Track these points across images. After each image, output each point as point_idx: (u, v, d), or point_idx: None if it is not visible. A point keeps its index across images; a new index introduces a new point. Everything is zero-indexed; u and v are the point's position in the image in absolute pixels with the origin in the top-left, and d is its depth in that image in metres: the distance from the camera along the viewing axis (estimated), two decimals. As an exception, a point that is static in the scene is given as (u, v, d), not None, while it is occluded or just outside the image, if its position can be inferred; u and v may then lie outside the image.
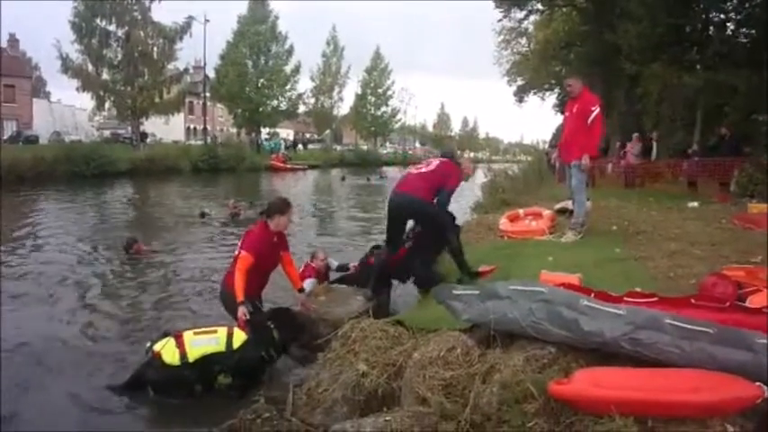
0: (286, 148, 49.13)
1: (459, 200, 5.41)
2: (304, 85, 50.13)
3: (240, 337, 4.09)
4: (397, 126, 68.58)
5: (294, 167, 37.77)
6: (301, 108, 50.71)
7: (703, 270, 4.44)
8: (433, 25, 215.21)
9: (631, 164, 15.50)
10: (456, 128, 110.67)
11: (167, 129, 44.29)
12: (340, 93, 56.54)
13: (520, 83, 37.45)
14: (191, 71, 40.17)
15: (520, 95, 37.39)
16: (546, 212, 7.84)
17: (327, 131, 61.95)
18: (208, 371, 4.01)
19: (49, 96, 56.72)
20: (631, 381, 2.52)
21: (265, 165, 36.45)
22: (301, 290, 5.05)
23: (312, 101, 54.55)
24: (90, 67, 30.57)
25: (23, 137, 33.92)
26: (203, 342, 4.04)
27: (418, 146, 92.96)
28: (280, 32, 43.51)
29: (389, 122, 63.36)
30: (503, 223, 7.62)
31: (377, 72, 60.36)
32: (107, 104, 32.58)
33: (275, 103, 43.88)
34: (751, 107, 16.70)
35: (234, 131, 52.95)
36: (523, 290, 3.16)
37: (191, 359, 3.96)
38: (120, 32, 30.50)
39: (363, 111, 60.30)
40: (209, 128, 44.57)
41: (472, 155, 77.76)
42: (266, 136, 49.89)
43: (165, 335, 4.17)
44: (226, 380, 4.03)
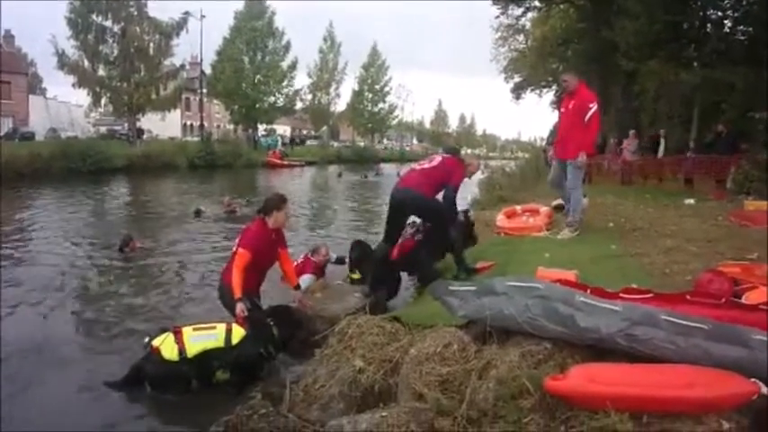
0: (283, 144, 48.97)
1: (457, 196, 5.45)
2: (301, 81, 50.14)
3: (239, 333, 4.09)
4: (394, 123, 68.52)
5: (291, 164, 37.63)
6: (298, 104, 50.58)
7: (699, 267, 4.45)
8: (431, 22, 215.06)
9: (628, 160, 15.56)
10: (453, 125, 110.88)
11: (164, 125, 44.08)
12: (337, 89, 56.54)
13: (517, 80, 37.52)
14: (187, 67, 40.03)
15: (517, 92, 37.46)
16: (543, 209, 7.88)
17: (324, 128, 61.80)
18: (206, 366, 4.00)
19: (45, 93, 56.33)
20: (627, 377, 2.53)
21: (262, 161, 36.28)
22: (297, 287, 5.06)
23: (309, 97, 54.50)
24: (86, 64, 30.47)
25: (19, 133, 33.71)
26: (202, 338, 4.04)
27: (415, 143, 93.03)
28: (276, 28, 43.32)
29: (387, 119, 63.24)
30: (500, 220, 7.66)
31: (374, 68, 60.13)
32: (103, 101, 32.51)
33: (272, 99, 43.73)
34: (748, 104, 16.73)
35: (231, 128, 52.75)
36: (520, 286, 3.17)
37: (189, 355, 3.96)
38: (117, 28, 30.40)
39: (360, 107, 60.09)
40: (205, 124, 44.36)
41: (470, 151, 77.78)
42: (263, 132, 49.71)
43: (163, 330, 4.18)
44: (224, 376, 4.03)
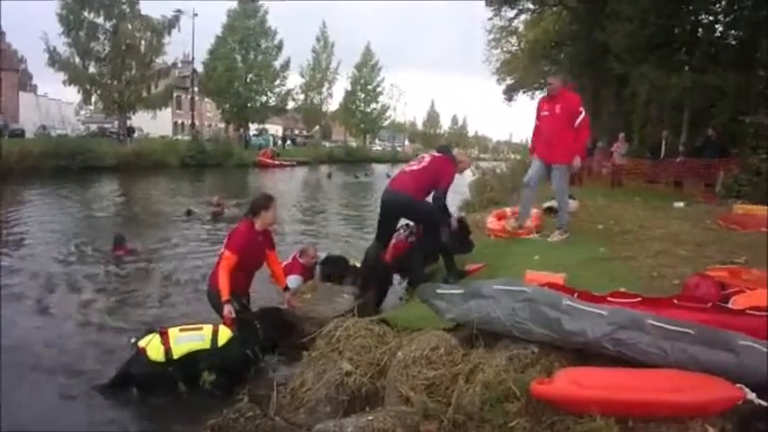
0: (274, 143, 48.80)
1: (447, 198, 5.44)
2: (293, 80, 49.92)
3: (225, 335, 4.07)
4: (386, 123, 68.52)
5: (282, 164, 37.49)
6: (290, 104, 50.33)
7: (687, 270, 4.45)
8: (424, 23, 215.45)
9: (617, 163, 15.67)
10: (445, 125, 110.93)
11: (154, 124, 43.71)
12: (329, 89, 56.27)
13: (509, 82, 37.63)
14: (179, 65, 39.73)
15: (509, 94, 37.64)
16: (533, 211, 7.86)
17: (317, 128, 61.71)
18: (192, 368, 3.97)
19: (35, 90, 55.89)
20: (613, 381, 2.53)
21: (253, 161, 36.07)
22: (286, 288, 5.03)
23: (301, 97, 54.26)
24: (77, 61, 30.21)
25: (9, 130, 33.40)
26: (188, 339, 4.02)
27: (407, 143, 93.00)
28: (269, 27, 43.17)
29: (379, 119, 63.21)
30: (490, 222, 7.64)
31: (367, 68, 60.11)
32: (94, 98, 32.15)
33: (264, 98, 43.53)
34: (738, 108, 16.85)
35: (222, 127, 52.53)
36: (507, 289, 3.17)
37: (175, 356, 3.94)
38: (108, 25, 30.13)
39: (353, 107, 60.03)
40: (197, 123, 44.13)
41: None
42: (255, 132, 49.54)
43: (149, 331, 4.15)
44: (210, 377, 3.99)
